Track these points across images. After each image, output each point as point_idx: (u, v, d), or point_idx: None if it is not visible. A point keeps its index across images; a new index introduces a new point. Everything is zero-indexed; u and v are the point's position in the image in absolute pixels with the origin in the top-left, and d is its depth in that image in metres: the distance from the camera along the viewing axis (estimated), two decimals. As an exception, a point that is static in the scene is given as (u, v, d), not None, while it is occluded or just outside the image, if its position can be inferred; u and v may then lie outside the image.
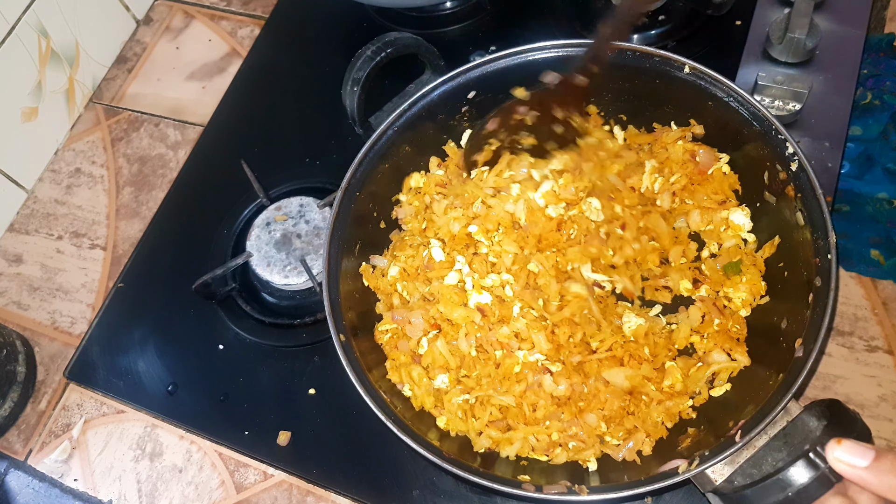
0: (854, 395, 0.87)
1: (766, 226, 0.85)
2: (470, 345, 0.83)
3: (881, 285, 0.93)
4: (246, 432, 0.94)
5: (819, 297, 0.73)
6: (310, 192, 1.05)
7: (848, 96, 0.99)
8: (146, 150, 1.21)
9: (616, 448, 0.79)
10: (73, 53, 1.24)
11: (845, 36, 1.03)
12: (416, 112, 0.90)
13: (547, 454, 0.80)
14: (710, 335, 0.82)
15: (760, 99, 0.98)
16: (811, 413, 0.69)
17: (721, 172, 0.88)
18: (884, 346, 0.90)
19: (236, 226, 1.07)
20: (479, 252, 0.87)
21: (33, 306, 1.11)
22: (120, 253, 1.13)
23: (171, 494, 0.94)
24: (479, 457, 0.80)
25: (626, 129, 0.94)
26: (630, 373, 0.79)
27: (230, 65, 1.27)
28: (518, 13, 1.19)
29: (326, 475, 0.90)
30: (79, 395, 1.03)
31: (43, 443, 1.01)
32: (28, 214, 1.19)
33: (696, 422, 0.79)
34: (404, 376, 0.84)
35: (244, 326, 1.00)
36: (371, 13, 1.23)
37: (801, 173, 0.78)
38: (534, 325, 0.81)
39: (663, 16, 1.12)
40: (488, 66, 0.90)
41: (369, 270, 0.90)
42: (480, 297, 0.84)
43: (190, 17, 1.35)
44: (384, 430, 0.74)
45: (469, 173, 0.92)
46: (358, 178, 0.88)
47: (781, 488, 0.64)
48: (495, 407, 0.81)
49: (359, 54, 0.93)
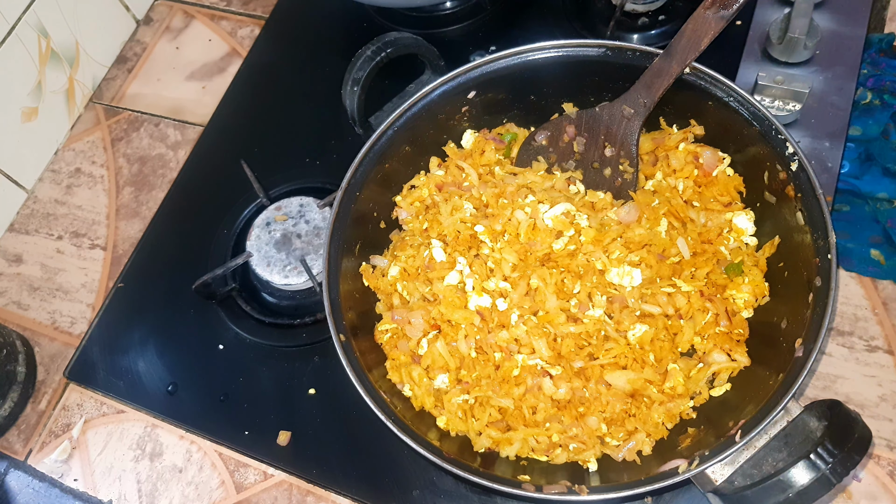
0: (854, 395, 0.87)
1: (766, 226, 0.85)
2: (469, 346, 0.83)
3: (881, 285, 0.93)
4: (246, 432, 0.94)
5: (819, 297, 0.73)
6: (310, 192, 1.05)
7: (848, 96, 0.99)
8: (146, 150, 1.21)
9: (616, 448, 0.79)
10: (73, 53, 1.24)
11: (845, 36, 1.03)
12: (416, 112, 0.90)
13: (547, 454, 0.80)
14: (710, 336, 0.82)
15: (760, 99, 0.98)
16: (811, 413, 0.69)
17: (725, 174, 0.88)
18: (884, 346, 0.90)
19: (236, 226, 1.07)
20: (480, 254, 0.87)
21: (33, 306, 1.11)
22: (120, 253, 1.13)
23: (171, 494, 0.94)
24: (479, 457, 0.80)
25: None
26: (632, 376, 0.79)
27: (230, 65, 1.27)
28: (518, 13, 1.19)
29: (326, 475, 0.90)
30: (79, 395, 1.03)
31: (43, 443, 1.01)
32: (28, 214, 1.19)
33: (696, 422, 0.79)
34: (404, 376, 0.84)
35: (244, 326, 1.00)
36: (371, 13, 1.23)
37: (801, 173, 0.78)
38: (534, 331, 0.81)
39: (663, 16, 1.12)
40: (488, 66, 0.90)
41: (369, 270, 0.90)
42: (480, 300, 0.83)
43: (190, 17, 1.35)
44: (384, 430, 0.74)
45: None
46: (358, 178, 0.88)
47: (782, 489, 0.64)
48: (495, 408, 0.81)
49: (359, 54, 0.93)
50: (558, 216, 0.86)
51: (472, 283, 0.85)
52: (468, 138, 0.96)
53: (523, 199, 0.88)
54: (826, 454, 0.64)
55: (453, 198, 0.91)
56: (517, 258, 0.85)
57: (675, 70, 0.83)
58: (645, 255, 0.84)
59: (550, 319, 0.82)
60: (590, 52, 0.89)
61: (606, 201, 0.89)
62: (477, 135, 0.96)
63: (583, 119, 0.91)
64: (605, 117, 0.89)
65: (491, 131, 0.97)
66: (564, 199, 0.88)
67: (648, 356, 0.81)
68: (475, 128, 0.97)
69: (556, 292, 0.83)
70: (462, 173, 0.94)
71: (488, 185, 0.91)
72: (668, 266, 0.83)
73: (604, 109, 0.89)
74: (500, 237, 0.87)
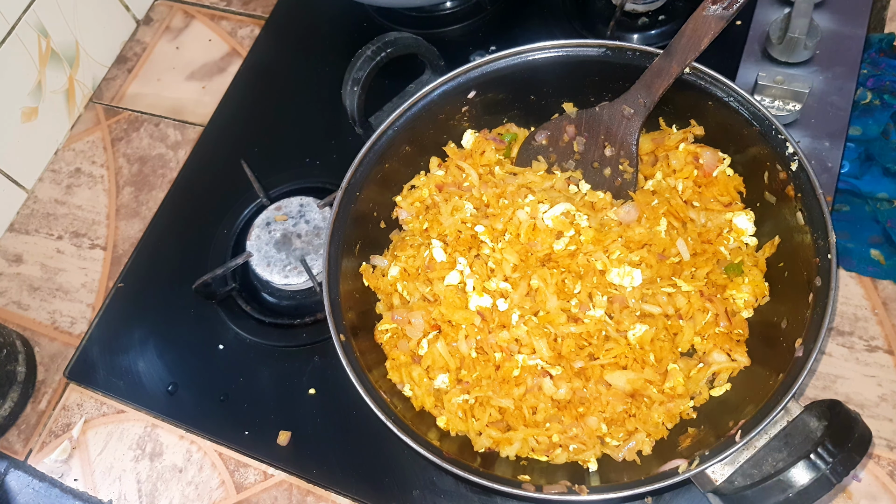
0: (854, 395, 0.87)
1: (766, 226, 0.85)
2: (470, 346, 0.83)
3: (881, 285, 0.93)
4: (246, 432, 0.94)
5: (819, 297, 0.73)
6: (310, 192, 1.05)
7: (848, 96, 0.99)
8: (146, 150, 1.21)
9: (616, 448, 0.79)
10: (73, 53, 1.24)
11: (845, 36, 1.03)
12: (416, 112, 0.90)
13: (547, 454, 0.80)
14: (710, 336, 0.82)
15: (760, 99, 0.98)
16: (811, 413, 0.69)
17: (725, 174, 0.88)
18: (884, 346, 0.90)
19: (236, 226, 1.07)
20: (480, 254, 0.87)
21: (33, 306, 1.11)
22: (120, 253, 1.13)
23: (171, 494, 0.94)
24: (479, 457, 0.80)
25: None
26: (632, 376, 0.79)
27: (230, 65, 1.27)
28: (518, 13, 1.19)
29: (326, 475, 0.90)
30: (79, 395, 1.03)
31: (43, 443, 1.01)
32: (28, 214, 1.19)
33: (696, 422, 0.79)
34: (404, 376, 0.84)
35: (244, 326, 1.00)
36: (371, 13, 1.23)
37: (801, 173, 0.78)
38: (535, 331, 0.81)
39: (663, 16, 1.12)
40: (488, 66, 0.90)
41: (369, 270, 0.90)
42: (481, 300, 0.83)
43: (190, 17, 1.35)
44: (384, 430, 0.74)
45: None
46: (358, 178, 0.88)
47: (782, 489, 0.64)
48: (495, 408, 0.81)
49: (359, 54, 0.93)
50: (558, 216, 0.86)
51: (472, 283, 0.85)
52: (468, 138, 0.96)
53: (523, 199, 0.88)
54: (826, 454, 0.64)
55: (453, 198, 0.91)
56: (518, 258, 0.85)
57: (675, 70, 0.83)
58: (645, 255, 0.84)
59: (551, 320, 0.82)
60: (590, 52, 0.89)
61: (606, 201, 0.89)
62: (477, 135, 0.96)
63: (583, 119, 0.91)
64: (605, 117, 0.89)
65: (491, 131, 0.97)
66: (564, 199, 0.88)
67: (648, 356, 0.81)
68: (475, 128, 0.97)
69: (556, 292, 0.83)
70: (462, 173, 0.94)
71: (488, 185, 0.91)
72: (668, 266, 0.83)
73: (604, 109, 0.89)
74: (500, 237, 0.87)
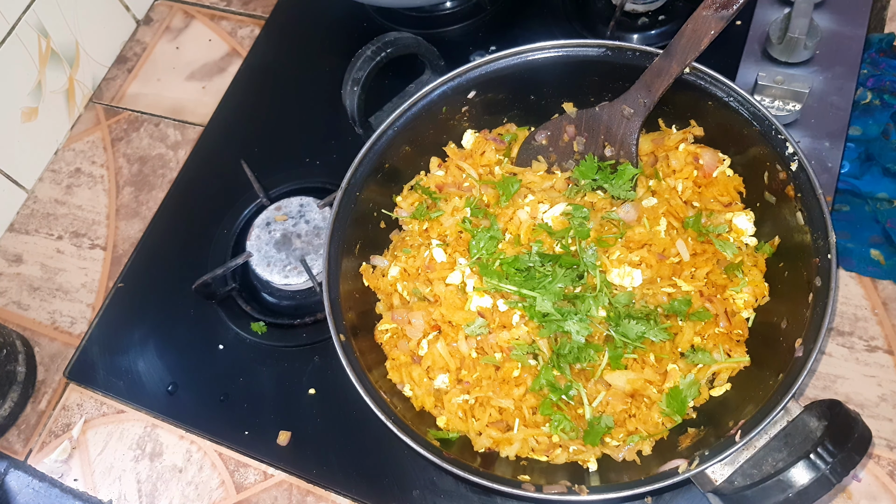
0: (854, 395, 0.87)
1: (766, 226, 0.85)
2: (470, 347, 0.83)
3: (881, 285, 0.93)
4: (246, 432, 0.94)
5: (819, 297, 0.73)
6: (310, 192, 1.06)
7: (848, 96, 0.99)
8: (146, 150, 1.21)
9: (616, 448, 0.79)
10: (73, 53, 1.24)
11: (845, 36, 1.03)
12: (416, 112, 0.90)
13: (547, 454, 0.80)
14: (710, 336, 0.82)
15: (760, 99, 0.98)
16: (811, 413, 0.69)
17: (725, 175, 0.88)
18: (884, 346, 0.90)
19: (236, 226, 1.07)
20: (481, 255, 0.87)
21: (33, 306, 1.11)
22: (120, 253, 1.13)
23: (171, 494, 0.94)
24: (479, 457, 0.80)
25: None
26: (633, 376, 0.79)
27: (230, 65, 1.27)
28: (518, 13, 1.19)
29: (326, 475, 0.90)
30: (79, 395, 1.03)
31: (43, 443, 1.01)
32: (28, 214, 1.19)
33: (696, 422, 0.79)
34: (404, 376, 0.84)
35: (244, 326, 1.00)
36: (371, 13, 1.23)
37: (801, 173, 0.78)
38: (536, 332, 0.81)
39: (663, 16, 1.12)
40: (488, 66, 0.90)
41: (369, 270, 0.90)
42: (482, 301, 0.83)
43: (190, 17, 1.35)
44: (384, 430, 0.74)
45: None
46: (358, 178, 0.88)
47: (782, 489, 0.64)
48: (495, 408, 0.81)
49: (359, 54, 0.93)
50: (558, 216, 0.86)
51: (472, 283, 0.85)
52: (468, 138, 0.96)
53: (523, 199, 0.88)
54: (826, 454, 0.64)
55: (453, 198, 0.91)
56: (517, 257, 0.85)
57: (675, 70, 0.83)
58: (645, 255, 0.84)
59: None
60: (590, 52, 0.89)
61: (606, 201, 0.89)
62: (477, 135, 0.96)
63: (583, 119, 0.91)
64: (604, 117, 0.89)
65: (491, 131, 0.97)
66: (564, 199, 0.88)
67: (648, 356, 0.81)
68: (475, 128, 0.97)
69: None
70: (462, 173, 0.94)
71: (489, 186, 0.91)
72: (668, 266, 0.83)
73: (604, 109, 0.89)
74: (501, 237, 0.87)
